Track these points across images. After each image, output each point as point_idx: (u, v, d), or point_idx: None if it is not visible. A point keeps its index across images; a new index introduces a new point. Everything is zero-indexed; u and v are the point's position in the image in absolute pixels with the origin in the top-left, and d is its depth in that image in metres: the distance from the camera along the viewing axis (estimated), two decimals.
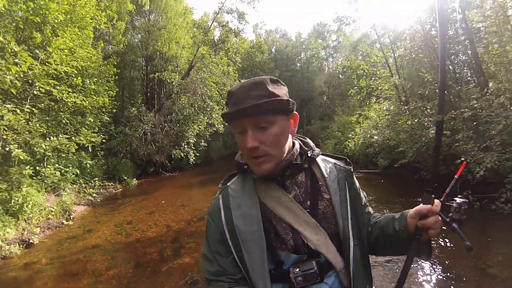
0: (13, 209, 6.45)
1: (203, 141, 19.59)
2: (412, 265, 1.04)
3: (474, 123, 7.26)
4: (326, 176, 1.06)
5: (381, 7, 14.54)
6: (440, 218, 0.95)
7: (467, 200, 0.96)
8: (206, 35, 19.42)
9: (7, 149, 5.66)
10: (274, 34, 47.18)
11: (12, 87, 5.26)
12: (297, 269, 0.94)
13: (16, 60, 5.24)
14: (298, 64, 43.27)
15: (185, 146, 17.55)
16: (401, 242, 1.02)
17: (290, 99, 0.99)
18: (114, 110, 12.62)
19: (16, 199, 6.58)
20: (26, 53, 5.66)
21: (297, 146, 1.08)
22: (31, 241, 6.13)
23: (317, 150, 1.11)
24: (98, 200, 10.24)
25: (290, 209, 0.99)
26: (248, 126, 0.94)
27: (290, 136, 1.04)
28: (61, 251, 5.76)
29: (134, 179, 14.01)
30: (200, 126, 18.02)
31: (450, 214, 0.97)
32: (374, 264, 4.03)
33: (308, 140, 1.14)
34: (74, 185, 9.58)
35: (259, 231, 0.96)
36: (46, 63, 7.06)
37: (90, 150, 10.29)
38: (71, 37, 8.23)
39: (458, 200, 0.96)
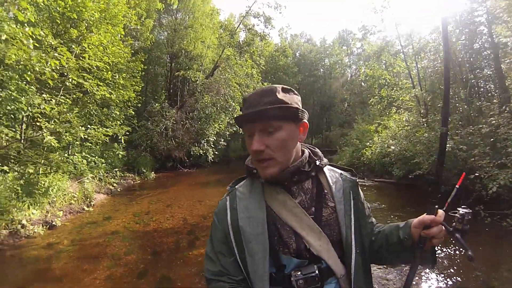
0: (39, 192, 6.86)
1: (222, 140, 19.89)
2: (416, 276, 1.14)
3: (491, 139, 7.27)
4: (332, 185, 1.09)
5: (406, 18, 14.48)
6: (443, 227, 0.98)
7: (470, 211, 0.99)
8: (232, 38, 19.70)
9: (39, 135, 6.08)
10: (299, 39, 47.27)
11: (50, 78, 5.69)
12: (299, 273, 0.96)
13: (56, 54, 5.66)
14: (321, 70, 43.23)
15: (205, 144, 17.86)
16: (405, 251, 1.04)
17: (300, 108, 1.04)
18: (139, 105, 13.10)
19: (42, 182, 6.99)
20: (64, 48, 6.08)
21: (306, 154, 1.12)
22: (53, 223, 6.51)
23: (325, 160, 1.14)
24: (118, 189, 10.70)
25: (295, 214, 1.02)
26: (256, 130, 0.99)
27: (299, 143, 1.08)
28: (82, 235, 6.12)
29: (153, 172, 14.41)
30: (221, 125, 18.31)
31: (454, 223, 0.99)
32: (377, 272, 4.17)
33: (317, 150, 1.18)
34: (93, 174, 10.03)
35: (263, 234, 0.98)
36: (80, 57, 7.51)
37: (123, 142, 10.84)
38: (104, 34, 8.69)
39: (461, 210, 0.98)
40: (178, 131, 16.84)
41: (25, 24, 5.51)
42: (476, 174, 6.82)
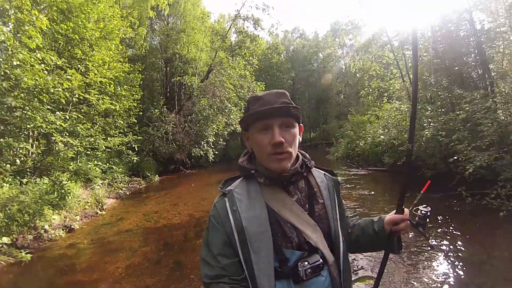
0: (56, 200, 7.52)
1: (221, 139, 20.44)
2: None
3: (468, 124, 7.84)
4: (320, 184, 1.20)
5: (391, 11, 14.95)
6: (409, 222, 1.21)
7: (429, 209, 1.24)
8: (224, 42, 20.17)
9: (56, 148, 6.78)
10: (290, 35, 47.60)
11: (63, 97, 6.37)
12: (306, 263, 1.03)
13: (68, 77, 6.33)
14: (315, 64, 43.51)
15: (205, 145, 18.40)
16: (378, 240, 1.25)
17: None
18: (141, 113, 13.77)
19: (66, 189, 7.66)
20: (73, 70, 6.76)
21: (300, 156, 1.20)
22: (72, 226, 7.14)
23: (312, 162, 1.23)
24: (127, 193, 11.38)
25: (293, 211, 1.09)
26: (275, 124, 1.06)
27: None
28: (99, 234, 6.78)
29: (157, 175, 15.06)
30: (219, 126, 18.78)
31: (417, 218, 1.25)
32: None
33: (305, 153, 1.25)
34: (105, 180, 10.72)
35: (267, 232, 1.03)
36: (85, 75, 8.18)
37: (136, 150, 11.81)
38: (105, 52, 9.36)
39: (423, 209, 1.24)
40: (178, 134, 17.34)
41: (36, 50, 6.15)
42: (455, 157, 7.44)
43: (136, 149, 11.51)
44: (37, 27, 6.16)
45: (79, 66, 8.24)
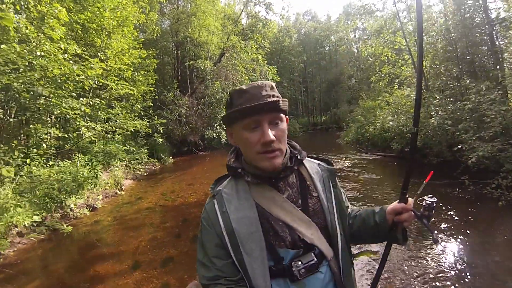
0: (80, 180, 8.06)
1: None
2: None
3: (474, 115, 8.03)
4: (313, 176, 1.16)
5: None
6: (413, 213, 1.12)
7: (435, 200, 1.14)
8: (236, 26, 20.30)
9: (81, 132, 7.29)
10: (302, 17, 47.16)
11: (87, 85, 6.84)
12: (299, 262, 1.01)
13: (92, 66, 6.78)
14: (327, 48, 43.22)
15: (217, 127, 18.85)
16: (380, 232, 1.18)
17: None
18: (157, 97, 14.27)
19: (81, 173, 8.19)
20: (96, 59, 7.21)
21: (288, 149, 1.15)
22: (95, 205, 7.69)
23: (304, 152, 1.19)
24: (145, 174, 11.95)
25: (285, 209, 1.06)
26: (264, 120, 1.00)
27: None
28: (121, 212, 7.33)
29: (171, 157, 15.60)
30: None
31: (421, 210, 1.15)
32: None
33: (295, 143, 1.21)
34: (125, 161, 11.30)
35: (258, 232, 1.01)
36: (105, 62, 8.62)
37: (161, 132, 12.80)
38: (123, 40, 9.76)
39: (428, 200, 1.14)
40: (191, 117, 17.83)
41: (59, 41, 6.57)
42: (459, 146, 7.71)
43: (161, 132, 12.39)
44: (61, 19, 6.58)
45: (99, 54, 8.67)
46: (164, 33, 20.37)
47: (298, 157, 1.15)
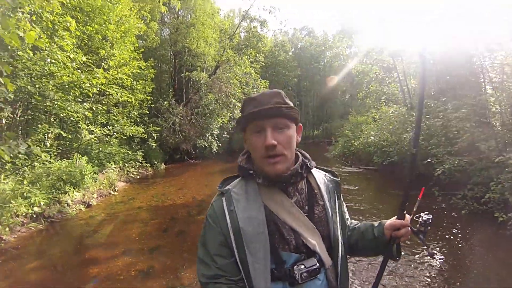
0: (75, 179, 8.62)
1: (225, 133, 21.44)
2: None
3: (444, 131, 8.77)
4: (320, 185, 1.18)
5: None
6: (410, 229, 1.17)
7: (431, 216, 1.20)
8: (231, 41, 21.01)
9: (82, 135, 7.96)
10: (299, 33, 48.09)
11: (91, 92, 7.56)
12: (302, 266, 1.02)
13: (98, 75, 7.52)
14: (322, 63, 43.77)
15: (209, 137, 19.39)
16: (378, 246, 1.22)
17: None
18: (153, 105, 14.96)
19: (85, 168, 8.86)
20: (101, 69, 7.94)
21: (300, 156, 1.18)
22: (90, 202, 8.27)
23: (313, 162, 1.21)
24: (137, 177, 12.60)
25: (292, 213, 1.07)
26: (267, 125, 1.03)
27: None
28: (115, 210, 7.94)
29: (163, 163, 16.13)
30: (223, 120, 19.76)
31: (418, 226, 1.20)
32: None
33: (305, 153, 1.22)
34: (116, 165, 11.90)
35: (264, 233, 1.02)
36: (107, 71, 9.36)
37: (155, 137, 13.51)
38: (125, 52, 10.53)
39: (424, 216, 1.20)
40: (185, 126, 18.37)
41: (68, 51, 7.28)
42: (428, 160, 8.43)
43: (155, 137, 13.24)
44: (73, 32, 7.31)
45: (102, 63, 9.42)
46: (163, 41, 20.85)
47: (308, 165, 1.18)
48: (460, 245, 5.32)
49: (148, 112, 14.58)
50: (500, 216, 5.80)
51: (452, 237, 5.61)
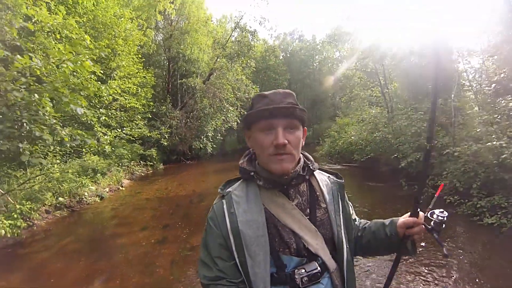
0: (92, 174, 9.94)
1: (219, 135, 22.63)
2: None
3: (412, 131, 10.08)
4: (323, 187, 1.16)
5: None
6: (423, 227, 1.14)
7: (447, 214, 1.16)
8: (224, 50, 22.16)
9: (99, 137, 9.26)
10: (288, 37, 49.37)
11: (106, 100, 8.88)
12: (303, 270, 1.01)
13: (114, 86, 8.84)
14: (311, 67, 44.98)
15: (204, 139, 20.68)
16: (391, 245, 1.20)
17: None
18: (154, 110, 16.37)
19: (101, 166, 10.27)
20: (116, 81, 9.25)
21: (302, 158, 1.16)
22: (102, 195, 9.54)
23: (316, 164, 1.19)
24: (142, 174, 14.08)
25: (293, 216, 1.06)
26: (279, 124, 1.01)
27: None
28: (126, 201, 9.26)
29: (161, 164, 17.34)
30: (217, 122, 21.02)
31: (432, 224, 1.16)
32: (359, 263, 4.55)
33: (308, 154, 1.21)
34: (122, 166, 13.21)
35: (264, 236, 1.00)
36: (117, 80, 10.73)
37: (167, 137, 15.50)
38: (131, 62, 11.88)
39: (439, 215, 1.15)
40: (181, 129, 19.56)
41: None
42: (395, 155, 9.81)
43: (167, 137, 15.27)
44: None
45: (113, 74, 10.77)
46: (157, 47, 21.55)
47: (311, 167, 1.16)
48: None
49: (150, 116, 15.86)
50: (447, 199, 7.16)
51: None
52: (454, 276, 4.05)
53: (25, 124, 4.61)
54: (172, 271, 4.56)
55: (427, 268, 4.23)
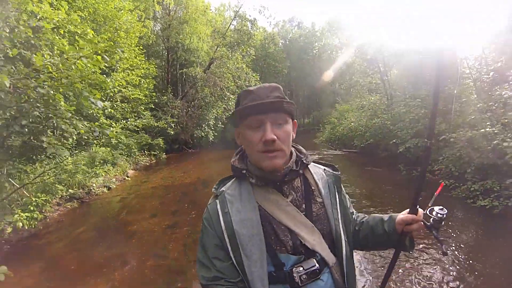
0: (101, 166, 10.22)
1: (220, 123, 22.90)
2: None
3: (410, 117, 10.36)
4: (318, 181, 1.14)
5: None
6: (422, 224, 1.13)
7: (446, 211, 1.14)
8: (224, 39, 22.25)
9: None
10: (287, 25, 49.21)
11: (111, 92, 9.11)
12: (301, 268, 0.99)
13: (119, 78, 9.08)
14: (311, 54, 45.04)
15: (206, 127, 20.99)
16: (389, 240, 1.18)
17: None
18: (156, 101, 16.67)
19: (109, 158, 10.57)
20: (121, 74, 9.49)
21: (294, 153, 1.14)
22: (110, 186, 9.81)
23: (310, 157, 1.17)
24: (147, 164, 14.44)
25: (288, 213, 1.04)
26: (267, 120, 0.99)
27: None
28: (133, 190, 9.53)
29: (164, 153, 17.55)
30: (218, 111, 21.32)
31: (431, 221, 1.14)
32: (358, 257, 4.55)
33: (301, 148, 1.20)
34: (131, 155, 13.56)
35: (259, 235, 0.99)
36: (121, 73, 10.95)
37: (173, 126, 15.78)
38: (133, 55, 12.07)
39: (439, 212, 1.14)
40: (182, 118, 19.78)
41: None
42: (394, 141, 10.10)
43: (173, 126, 15.59)
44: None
45: (117, 67, 10.97)
46: (156, 38, 21.51)
47: (304, 161, 1.14)
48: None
49: (153, 107, 16.12)
50: (443, 182, 7.45)
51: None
52: (450, 256, 4.39)
53: (53, 119, 4.82)
54: (186, 253, 4.88)
55: (424, 262, 4.28)
